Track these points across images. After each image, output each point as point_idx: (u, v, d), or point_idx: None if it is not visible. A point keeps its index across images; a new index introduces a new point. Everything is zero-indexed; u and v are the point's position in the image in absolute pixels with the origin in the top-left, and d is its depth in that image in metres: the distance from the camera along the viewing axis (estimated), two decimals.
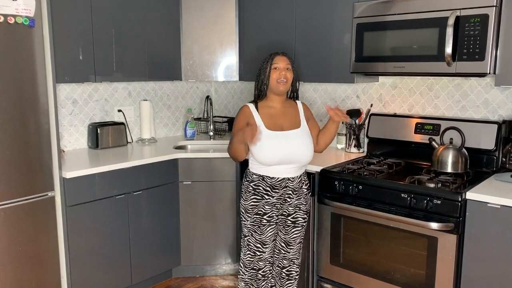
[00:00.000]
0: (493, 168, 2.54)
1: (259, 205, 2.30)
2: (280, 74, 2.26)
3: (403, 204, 2.30)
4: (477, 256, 2.14)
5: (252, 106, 2.32)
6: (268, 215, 2.32)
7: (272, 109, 2.33)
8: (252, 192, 2.31)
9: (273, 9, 3.11)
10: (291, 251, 2.45)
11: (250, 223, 2.33)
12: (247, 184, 2.34)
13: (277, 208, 2.34)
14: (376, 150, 2.99)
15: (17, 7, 2.25)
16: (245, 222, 2.36)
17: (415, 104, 2.88)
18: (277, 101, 2.34)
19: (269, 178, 2.28)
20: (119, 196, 2.76)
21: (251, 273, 2.41)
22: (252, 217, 2.32)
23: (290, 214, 2.38)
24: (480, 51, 2.21)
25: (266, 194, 2.30)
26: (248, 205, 2.32)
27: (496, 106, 2.58)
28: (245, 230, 2.38)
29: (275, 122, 2.30)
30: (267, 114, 2.31)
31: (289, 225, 2.40)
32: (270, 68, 2.28)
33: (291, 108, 2.39)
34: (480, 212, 2.11)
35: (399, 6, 2.45)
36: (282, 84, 2.27)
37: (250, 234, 2.35)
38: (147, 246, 2.96)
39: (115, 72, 2.97)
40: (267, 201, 2.30)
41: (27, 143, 2.36)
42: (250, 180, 2.33)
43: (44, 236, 2.47)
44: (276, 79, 2.27)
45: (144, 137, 3.44)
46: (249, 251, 2.39)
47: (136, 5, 3.03)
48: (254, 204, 2.31)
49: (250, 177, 2.33)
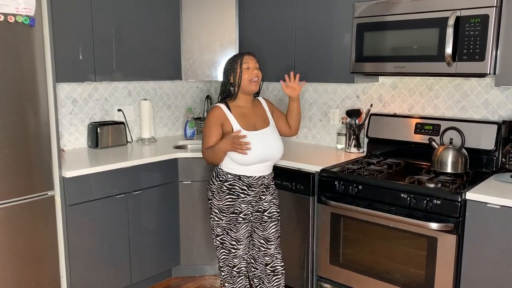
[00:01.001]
0: (493, 169, 2.54)
1: (235, 204, 2.32)
2: (252, 73, 2.30)
3: (403, 204, 2.30)
4: (477, 257, 2.14)
5: (224, 106, 2.31)
6: (244, 213, 2.34)
7: (244, 108, 2.35)
8: (227, 192, 2.31)
9: (273, 8, 3.11)
10: (271, 247, 2.47)
11: (225, 222, 2.34)
12: (220, 184, 2.33)
13: (252, 206, 2.36)
14: (376, 150, 2.99)
15: (17, 6, 2.25)
16: (218, 222, 2.36)
17: (415, 104, 2.88)
18: (246, 100, 2.36)
19: (246, 178, 2.30)
20: (118, 196, 2.76)
21: (227, 270, 2.43)
22: (227, 216, 2.33)
23: (265, 210, 2.42)
24: (480, 52, 2.21)
25: (242, 193, 2.32)
26: (223, 205, 2.33)
27: (496, 107, 2.58)
28: (218, 230, 2.38)
29: (248, 121, 2.33)
30: (240, 114, 2.32)
31: (266, 221, 2.43)
32: (241, 68, 2.29)
33: (258, 106, 2.44)
34: (479, 212, 2.11)
35: (400, 6, 2.45)
36: (254, 83, 2.32)
37: (226, 232, 2.36)
38: (146, 245, 2.96)
39: (115, 71, 2.97)
40: (243, 199, 2.32)
41: (26, 142, 2.36)
42: (224, 180, 2.32)
43: (44, 236, 2.47)
44: (249, 79, 2.30)
45: (144, 137, 3.44)
46: (223, 249, 2.40)
47: (136, 5, 3.03)
48: (229, 204, 2.32)
49: (224, 177, 2.32)
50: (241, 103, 2.35)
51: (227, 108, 2.31)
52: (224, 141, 2.21)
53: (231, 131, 2.27)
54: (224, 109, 2.30)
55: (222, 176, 2.33)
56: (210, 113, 2.31)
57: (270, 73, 3.12)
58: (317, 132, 3.38)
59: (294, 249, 2.81)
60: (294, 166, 2.77)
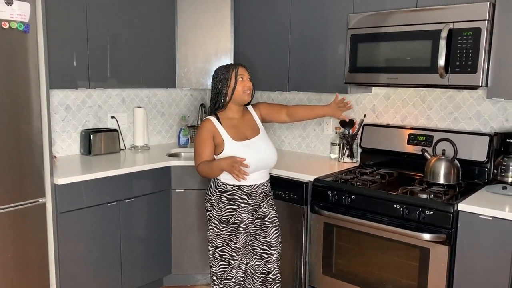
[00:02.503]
0: (484, 180, 2.56)
1: (236, 214, 2.30)
2: (245, 85, 2.31)
3: (395, 215, 2.31)
4: (469, 268, 2.15)
5: (214, 119, 2.31)
6: (244, 223, 2.32)
7: (234, 119, 2.35)
8: (227, 202, 2.29)
9: (268, 19, 3.13)
10: (275, 252, 2.45)
11: (226, 233, 2.30)
12: (219, 194, 2.30)
13: (252, 215, 2.35)
14: (369, 160, 3.00)
15: (11, 12, 2.24)
16: (218, 233, 2.32)
17: (408, 115, 2.90)
18: (236, 111, 2.36)
19: (246, 187, 2.30)
20: (110, 204, 2.74)
21: (224, 283, 2.38)
22: (228, 227, 2.30)
23: (266, 215, 2.40)
24: (473, 64, 2.23)
25: (242, 202, 2.30)
26: (223, 215, 2.29)
27: (488, 118, 2.60)
28: (218, 241, 2.33)
29: (239, 132, 2.33)
30: (230, 125, 2.32)
31: (268, 226, 2.41)
32: (236, 78, 2.29)
33: (247, 115, 2.43)
34: (471, 223, 2.12)
35: (393, 18, 2.48)
36: (248, 94, 2.33)
37: (226, 244, 2.32)
38: (138, 254, 2.94)
39: (109, 78, 2.97)
40: (243, 209, 2.31)
41: (18, 149, 2.34)
42: (223, 190, 2.30)
43: (35, 243, 2.44)
44: (243, 90, 2.30)
45: (137, 144, 3.43)
46: (222, 261, 2.34)
47: (131, 12, 3.04)
48: (229, 214, 2.30)
49: (223, 187, 2.30)
50: (231, 114, 2.35)
51: (218, 121, 2.31)
52: (225, 161, 2.19)
53: (222, 143, 2.27)
54: (214, 122, 2.29)
55: (221, 186, 2.31)
56: (201, 127, 2.30)
57: (264, 82, 3.14)
58: (310, 142, 3.38)
59: (287, 258, 2.79)
60: (288, 175, 2.77)
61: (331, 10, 2.80)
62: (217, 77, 2.33)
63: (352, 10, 2.69)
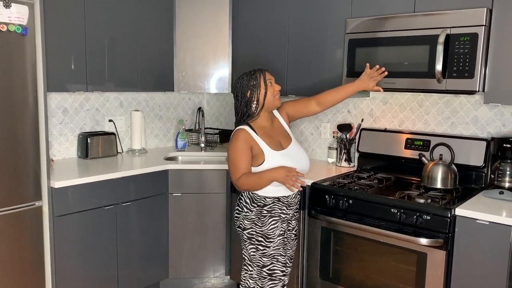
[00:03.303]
0: (481, 185, 2.56)
1: (279, 226, 2.18)
2: (275, 89, 2.20)
3: (393, 219, 2.31)
4: (466, 272, 2.15)
5: (249, 128, 2.15)
6: (286, 234, 2.24)
7: (266, 128, 2.21)
8: (269, 216, 2.16)
9: (266, 24, 3.14)
10: (291, 265, 2.34)
11: (274, 248, 2.16)
12: (259, 209, 2.15)
13: (287, 225, 2.26)
14: (366, 165, 3.00)
15: (10, 15, 2.24)
16: (264, 250, 2.15)
17: (405, 120, 2.91)
18: (266, 118, 2.23)
19: (285, 198, 2.19)
20: (107, 207, 2.73)
21: None
22: (275, 240, 2.17)
23: (293, 227, 2.32)
24: (470, 69, 2.24)
25: (282, 213, 2.19)
26: (268, 230, 2.16)
27: (485, 123, 2.61)
28: (265, 260, 2.15)
29: (275, 141, 2.20)
30: (265, 134, 2.18)
31: (294, 239, 2.33)
32: (265, 84, 2.17)
33: (276, 121, 2.31)
34: (469, 228, 2.12)
35: (391, 23, 2.49)
36: (278, 99, 2.21)
37: (275, 260, 2.17)
38: (135, 258, 2.93)
39: (107, 81, 2.97)
40: (283, 220, 2.21)
41: (15, 152, 2.33)
42: (262, 204, 2.15)
43: (31, 246, 2.43)
44: (273, 95, 2.19)
45: (134, 148, 3.42)
46: (272, 280, 2.17)
47: (130, 16, 3.04)
48: (274, 226, 2.17)
49: (262, 201, 2.15)
50: (262, 122, 2.20)
51: (252, 130, 2.15)
52: (277, 172, 2.06)
53: (261, 153, 2.12)
54: (250, 132, 2.14)
55: (260, 201, 2.15)
56: (237, 138, 2.12)
57: None
58: (308, 146, 3.39)
59: None
60: None
61: (329, 15, 2.81)
62: (244, 85, 2.17)
63: (350, 15, 2.70)
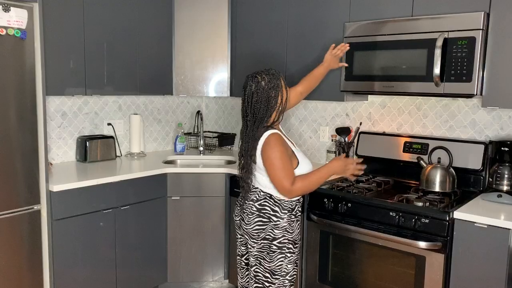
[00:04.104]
0: (480, 188, 2.56)
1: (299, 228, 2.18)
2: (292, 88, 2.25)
3: (391, 223, 2.31)
4: (464, 276, 2.15)
5: (279, 132, 2.06)
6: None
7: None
8: (295, 220, 2.10)
9: (265, 27, 3.15)
10: None
11: (297, 253, 2.11)
12: (289, 215, 2.06)
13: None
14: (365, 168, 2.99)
15: (9, 19, 2.25)
16: (291, 257, 2.07)
17: (403, 123, 2.91)
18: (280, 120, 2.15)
19: (301, 198, 2.18)
20: (106, 211, 2.72)
21: None
22: (298, 244, 2.14)
23: None
24: (468, 73, 2.25)
25: (300, 213, 2.18)
26: (295, 235, 2.10)
27: (483, 127, 2.62)
28: (289, 267, 2.07)
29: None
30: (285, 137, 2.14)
31: None
32: (285, 85, 2.10)
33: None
34: (467, 231, 2.12)
35: (389, 27, 2.50)
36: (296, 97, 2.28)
37: (295, 265, 2.11)
38: (133, 261, 2.92)
39: (106, 85, 2.97)
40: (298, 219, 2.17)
41: (14, 155, 2.33)
42: (290, 209, 2.07)
43: (29, 250, 2.42)
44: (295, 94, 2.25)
45: (133, 151, 3.42)
46: (292, 284, 2.11)
47: (128, 19, 3.05)
48: (299, 230, 2.15)
49: (290, 205, 2.06)
50: (279, 125, 2.13)
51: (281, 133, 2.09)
52: (335, 165, 2.04)
53: (294, 156, 2.06)
54: (281, 135, 2.06)
55: (288, 206, 2.07)
56: (276, 143, 1.98)
57: None
58: (307, 149, 3.39)
59: None
60: None
61: (327, 19, 2.82)
62: (266, 86, 2.02)
63: (348, 19, 2.71)
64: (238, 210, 2.19)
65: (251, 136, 2.05)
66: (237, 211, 2.20)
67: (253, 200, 2.08)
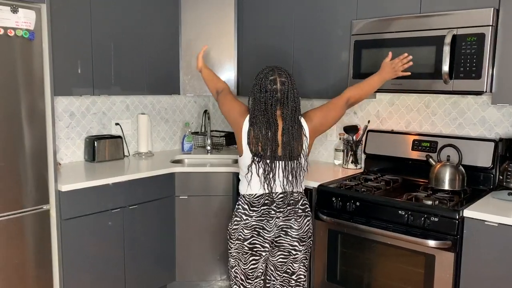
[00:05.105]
0: (490, 186, 2.54)
1: None
2: None
3: (400, 221, 2.29)
4: (475, 275, 2.13)
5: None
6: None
7: None
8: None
9: (272, 27, 3.14)
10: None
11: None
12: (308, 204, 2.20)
13: None
14: (373, 167, 2.99)
15: (17, 20, 2.26)
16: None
17: (412, 121, 2.89)
18: None
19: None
20: (114, 210, 2.73)
21: None
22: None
23: None
24: (477, 70, 2.23)
25: None
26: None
27: (493, 124, 2.59)
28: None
29: None
30: None
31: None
32: None
33: None
34: (477, 230, 2.10)
35: (397, 24, 2.48)
36: None
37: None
38: (142, 261, 2.93)
39: (113, 85, 2.98)
40: None
41: (23, 156, 2.35)
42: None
43: (39, 250, 2.44)
44: None
45: (141, 151, 3.43)
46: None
47: (135, 19, 3.05)
48: None
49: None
50: None
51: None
52: (387, 71, 2.30)
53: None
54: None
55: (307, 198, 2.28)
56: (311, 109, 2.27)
57: None
58: (314, 148, 3.38)
59: None
60: None
61: (334, 17, 2.80)
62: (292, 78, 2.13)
63: (356, 17, 2.69)
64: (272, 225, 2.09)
65: (294, 131, 2.06)
66: (269, 225, 2.09)
67: (297, 202, 2.13)
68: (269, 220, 2.09)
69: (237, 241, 2.12)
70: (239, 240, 2.11)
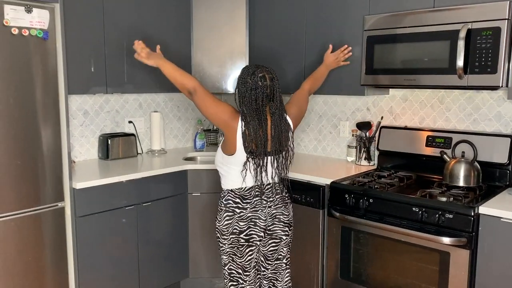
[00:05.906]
0: (506, 182, 2.50)
1: None
2: None
3: (414, 218, 2.27)
4: (491, 273, 2.10)
5: None
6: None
7: None
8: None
9: (283, 23, 3.13)
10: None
11: None
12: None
13: None
14: (386, 163, 2.96)
15: (31, 20, 2.29)
16: None
17: (426, 117, 2.86)
18: None
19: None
20: (128, 207, 2.76)
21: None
22: None
23: None
24: (492, 64, 2.19)
25: None
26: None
27: (509, 120, 2.55)
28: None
29: None
30: None
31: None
32: None
33: None
34: (493, 227, 2.07)
35: (410, 19, 2.45)
36: None
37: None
38: (155, 257, 2.95)
39: (126, 83, 3.00)
40: None
41: (38, 154, 2.38)
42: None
43: (53, 247, 2.48)
44: None
45: (154, 148, 3.45)
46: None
47: (147, 18, 3.07)
48: None
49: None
50: None
51: None
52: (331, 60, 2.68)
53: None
54: None
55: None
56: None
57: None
58: (327, 145, 3.36)
59: (304, 263, 2.78)
60: (304, 178, 2.75)
61: (346, 12, 2.78)
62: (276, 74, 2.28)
63: (368, 12, 2.67)
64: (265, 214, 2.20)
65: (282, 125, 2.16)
66: (263, 214, 2.20)
67: (282, 191, 2.28)
68: (262, 210, 2.19)
69: (232, 235, 2.17)
70: (234, 233, 2.17)
